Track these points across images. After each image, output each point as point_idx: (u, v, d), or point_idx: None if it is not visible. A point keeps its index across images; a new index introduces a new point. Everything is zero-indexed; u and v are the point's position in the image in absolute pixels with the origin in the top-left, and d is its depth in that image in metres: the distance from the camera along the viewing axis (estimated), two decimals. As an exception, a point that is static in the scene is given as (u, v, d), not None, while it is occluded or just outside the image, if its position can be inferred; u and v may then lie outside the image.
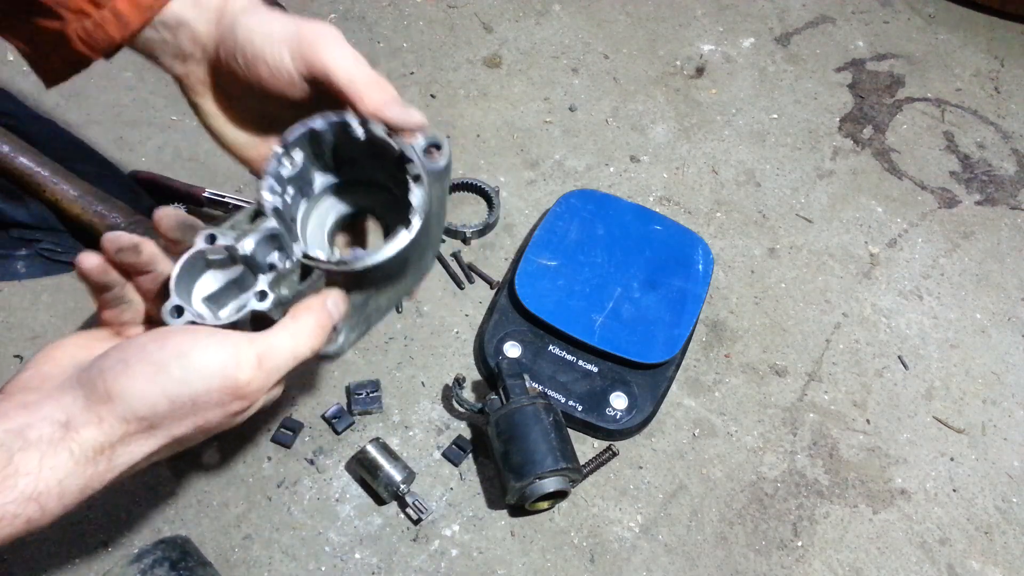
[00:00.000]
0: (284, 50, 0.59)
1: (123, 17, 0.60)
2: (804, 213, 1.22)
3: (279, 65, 0.59)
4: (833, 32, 1.50)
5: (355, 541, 0.86)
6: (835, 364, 1.06)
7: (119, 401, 0.50)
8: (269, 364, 0.55)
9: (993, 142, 1.36)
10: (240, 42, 0.60)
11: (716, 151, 1.29)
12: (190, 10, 0.61)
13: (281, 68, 0.59)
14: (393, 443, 0.92)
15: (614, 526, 0.90)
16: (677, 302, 1.02)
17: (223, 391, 0.52)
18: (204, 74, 0.64)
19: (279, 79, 0.60)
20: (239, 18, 0.60)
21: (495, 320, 1.01)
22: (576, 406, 0.95)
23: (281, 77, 0.60)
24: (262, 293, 0.57)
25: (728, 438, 0.98)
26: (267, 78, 0.60)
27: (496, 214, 1.13)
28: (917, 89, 1.42)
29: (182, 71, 0.64)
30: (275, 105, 0.63)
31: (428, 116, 1.33)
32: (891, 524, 0.93)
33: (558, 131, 1.28)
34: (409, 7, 1.42)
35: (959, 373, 1.07)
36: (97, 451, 0.50)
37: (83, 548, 0.83)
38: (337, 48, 0.58)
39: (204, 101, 0.65)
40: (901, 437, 1.00)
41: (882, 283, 1.15)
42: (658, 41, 1.44)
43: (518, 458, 0.84)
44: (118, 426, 0.50)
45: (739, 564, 0.89)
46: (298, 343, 0.56)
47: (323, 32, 0.59)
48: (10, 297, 0.99)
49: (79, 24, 0.61)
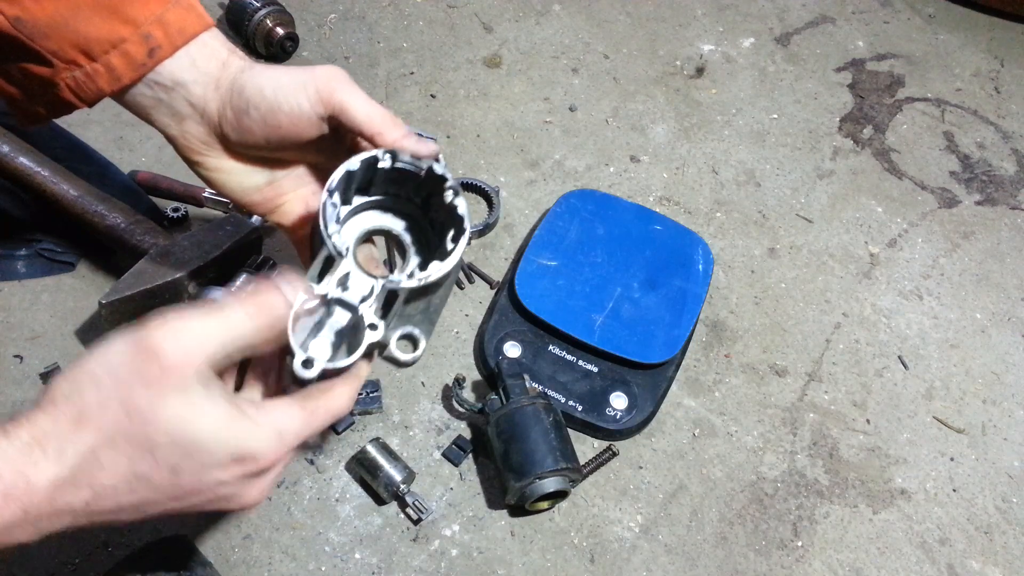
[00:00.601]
0: (301, 97, 0.61)
1: (115, 71, 0.61)
2: (804, 213, 1.22)
3: (298, 112, 0.61)
4: (833, 32, 1.50)
5: (355, 541, 0.86)
6: (835, 364, 1.06)
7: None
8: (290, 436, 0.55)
9: (993, 142, 1.36)
10: (252, 99, 0.61)
11: (716, 151, 1.29)
12: (188, 72, 0.62)
13: (301, 114, 0.61)
14: (393, 443, 0.92)
15: (614, 526, 0.90)
16: (677, 302, 1.02)
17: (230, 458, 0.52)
18: (204, 134, 0.65)
19: (299, 124, 0.62)
20: (242, 77, 0.62)
21: (495, 320, 1.01)
22: (576, 406, 0.95)
23: (301, 122, 0.62)
24: (373, 325, 0.57)
25: (728, 438, 0.98)
26: (287, 126, 0.62)
27: (496, 214, 1.13)
28: (917, 89, 1.42)
29: (177, 131, 0.65)
30: (287, 150, 0.65)
31: (428, 116, 1.34)
32: (891, 524, 0.93)
33: (558, 131, 1.28)
34: (409, 7, 1.42)
35: (959, 373, 1.07)
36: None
37: (83, 548, 0.83)
38: (352, 89, 0.62)
39: (204, 159, 0.66)
40: (901, 437, 1.00)
41: (882, 283, 1.16)
42: (658, 41, 1.44)
43: (518, 458, 0.84)
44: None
45: (739, 564, 0.89)
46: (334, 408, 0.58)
47: (336, 75, 0.62)
48: (10, 297, 0.99)
49: (69, 74, 0.61)
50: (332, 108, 0.61)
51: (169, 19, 0.61)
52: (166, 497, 0.51)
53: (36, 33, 0.59)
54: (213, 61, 0.63)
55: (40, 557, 0.83)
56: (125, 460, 0.49)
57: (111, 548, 0.84)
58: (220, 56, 0.63)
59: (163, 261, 0.92)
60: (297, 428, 0.55)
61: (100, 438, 0.49)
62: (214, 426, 0.51)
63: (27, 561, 0.82)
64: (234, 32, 1.29)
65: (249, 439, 0.52)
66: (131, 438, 0.49)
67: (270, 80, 0.62)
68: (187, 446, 0.50)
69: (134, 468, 0.50)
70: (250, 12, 1.25)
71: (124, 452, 0.49)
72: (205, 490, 0.52)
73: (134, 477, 0.50)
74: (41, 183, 0.97)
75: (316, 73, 0.61)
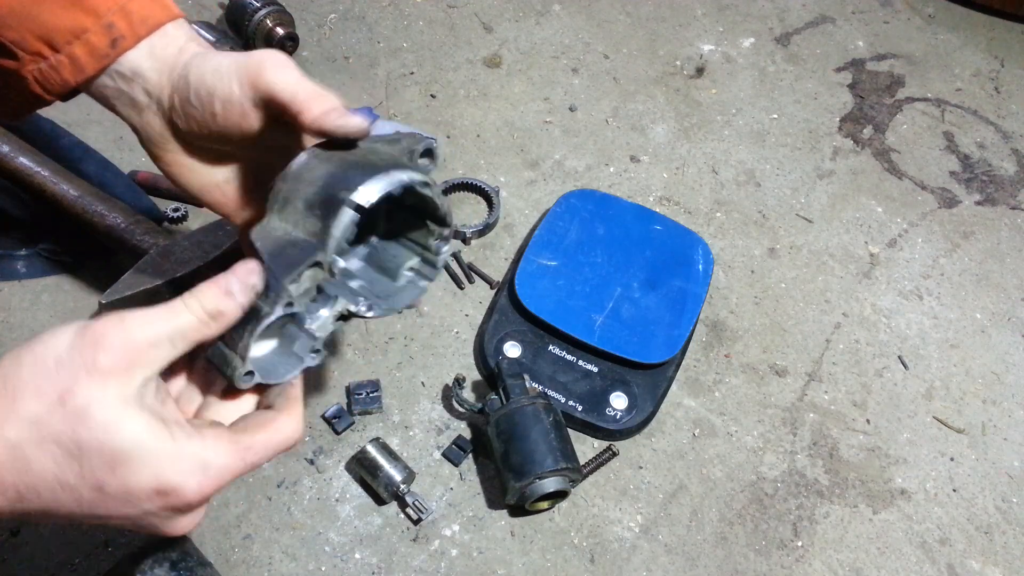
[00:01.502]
0: (233, 81, 0.59)
1: (78, 62, 0.60)
2: (804, 213, 1.22)
3: (230, 97, 0.59)
4: (833, 32, 1.50)
5: (355, 541, 0.86)
6: (835, 364, 1.06)
7: None
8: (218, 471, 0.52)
9: (993, 142, 1.36)
10: (193, 84, 0.60)
11: (716, 151, 1.29)
12: (145, 61, 0.61)
13: (233, 100, 0.59)
14: (393, 443, 0.92)
15: (614, 526, 0.90)
16: (677, 302, 1.02)
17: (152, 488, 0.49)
18: (160, 126, 0.64)
19: (232, 112, 0.60)
20: (191, 63, 0.61)
21: (495, 320, 1.01)
22: (576, 406, 0.95)
23: (233, 109, 0.59)
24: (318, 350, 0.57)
25: (728, 438, 0.98)
26: (220, 114, 0.60)
27: (496, 214, 1.13)
28: (917, 89, 1.42)
29: (138, 122, 0.64)
30: (233, 143, 0.63)
31: (428, 116, 1.34)
32: (891, 524, 0.93)
33: (558, 131, 1.28)
34: (409, 7, 1.43)
35: (959, 373, 1.07)
36: None
37: (83, 548, 0.83)
38: (280, 68, 0.59)
39: (163, 152, 0.65)
40: (901, 437, 1.00)
41: (882, 283, 1.16)
42: (658, 41, 1.44)
43: (518, 458, 0.84)
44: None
45: (739, 564, 0.89)
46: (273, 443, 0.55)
47: (267, 56, 0.59)
48: (10, 297, 0.99)
49: (35, 66, 0.61)
50: (260, 90, 0.58)
51: (132, 8, 0.60)
52: (91, 514, 0.50)
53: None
54: (171, 49, 0.61)
55: (40, 557, 0.83)
56: (52, 464, 0.48)
57: (111, 548, 0.84)
58: (178, 43, 0.61)
59: (163, 261, 0.93)
60: (224, 464, 0.52)
61: (30, 434, 0.47)
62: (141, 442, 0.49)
63: (27, 561, 0.82)
64: (234, 32, 1.29)
65: (171, 470, 0.49)
66: (59, 439, 0.47)
67: (210, 64, 0.59)
68: (113, 459, 0.48)
69: (59, 475, 0.48)
70: (250, 12, 1.25)
71: (51, 454, 0.48)
72: (130, 515, 0.51)
73: (59, 485, 0.48)
74: (41, 183, 0.97)
75: (250, 56, 0.59)
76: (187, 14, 1.41)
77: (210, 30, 1.23)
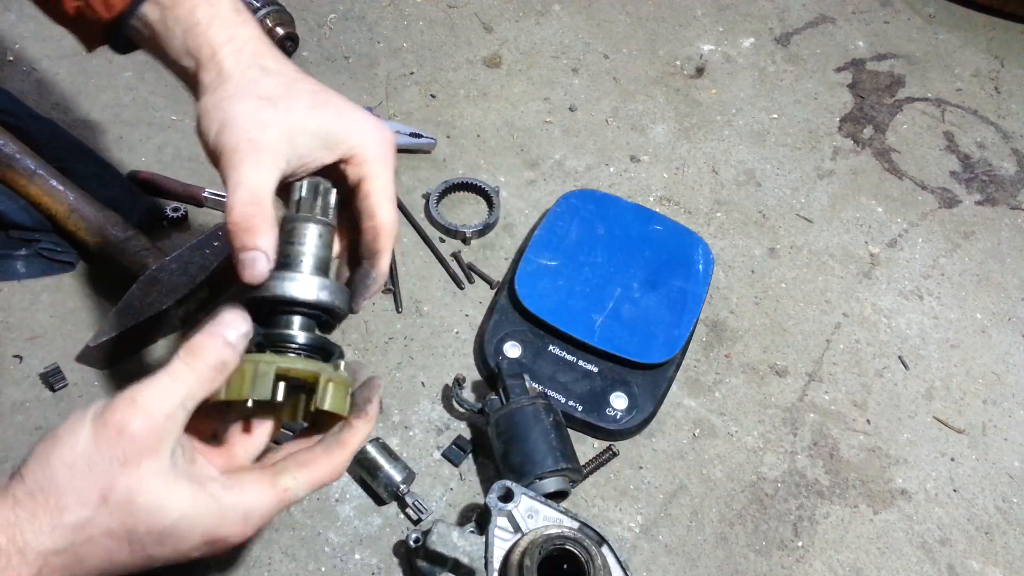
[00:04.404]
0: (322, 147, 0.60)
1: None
2: (804, 213, 1.22)
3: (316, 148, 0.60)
4: (833, 32, 1.50)
5: (355, 541, 0.86)
6: (835, 364, 1.06)
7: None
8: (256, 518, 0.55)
9: (993, 142, 1.36)
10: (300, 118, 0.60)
11: (716, 151, 1.29)
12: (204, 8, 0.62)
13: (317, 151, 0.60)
14: (393, 443, 0.92)
15: (614, 526, 0.90)
16: (677, 302, 1.02)
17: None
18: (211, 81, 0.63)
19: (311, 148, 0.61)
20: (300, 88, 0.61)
21: (495, 320, 1.01)
22: (576, 406, 0.95)
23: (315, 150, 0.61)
24: None
25: (728, 438, 0.98)
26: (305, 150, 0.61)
27: (496, 214, 1.13)
28: (917, 89, 1.42)
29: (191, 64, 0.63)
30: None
31: (428, 116, 1.34)
32: (891, 524, 0.93)
33: (558, 131, 1.28)
34: (409, 7, 1.42)
35: (959, 373, 1.07)
36: None
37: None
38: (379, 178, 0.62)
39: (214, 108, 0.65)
40: (901, 437, 1.00)
41: (882, 283, 1.15)
42: (658, 41, 1.44)
43: (518, 458, 0.84)
44: None
45: (739, 564, 0.89)
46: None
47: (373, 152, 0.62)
48: (10, 297, 0.99)
49: (72, 3, 0.64)
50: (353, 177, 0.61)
51: None
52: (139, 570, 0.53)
53: None
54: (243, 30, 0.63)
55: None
56: (103, 553, 0.50)
57: (111, 548, 0.83)
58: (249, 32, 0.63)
59: (150, 290, 0.91)
60: (266, 508, 0.55)
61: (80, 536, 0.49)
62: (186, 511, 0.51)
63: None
64: (234, 32, 1.28)
65: (218, 525, 0.52)
66: (111, 532, 0.50)
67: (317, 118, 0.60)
68: (162, 533, 0.51)
69: (112, 558, 0.50)
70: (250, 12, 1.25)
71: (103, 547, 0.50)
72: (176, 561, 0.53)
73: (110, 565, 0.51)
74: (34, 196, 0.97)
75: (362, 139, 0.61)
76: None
77: (210, 30, 1.23)
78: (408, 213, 1.13)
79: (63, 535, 0.48)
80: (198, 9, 0.61)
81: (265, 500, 0.55)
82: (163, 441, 0.51)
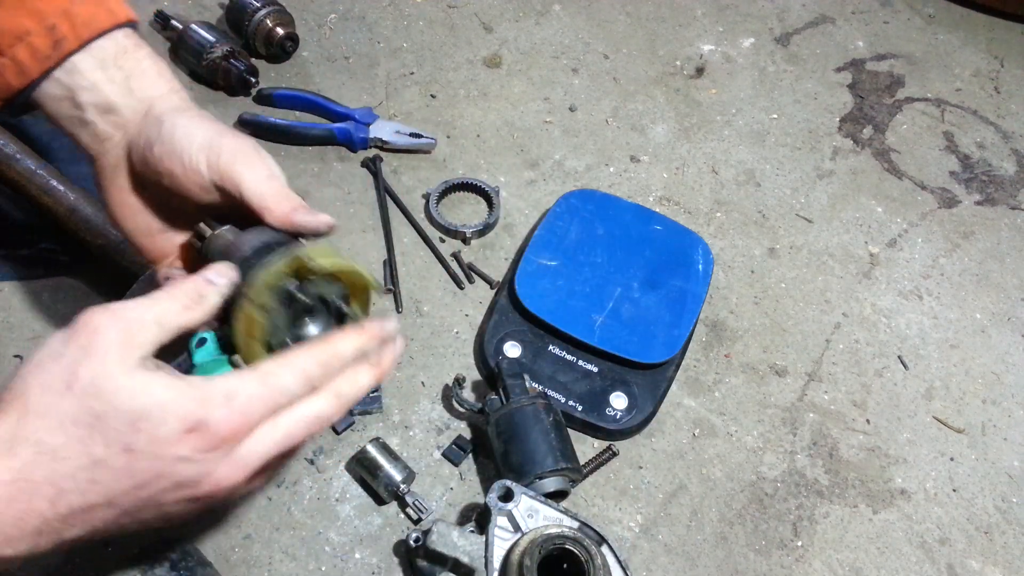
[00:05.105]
0: (202, 158, 0.61)
1: (22, 64, 0.61)
2: (804, 213, 1.22)
3: (195, 168, 0.61)
4: (833, 32, 1.50)
5: (355, 541, 0.86)
6: (835, 364, 1.06)
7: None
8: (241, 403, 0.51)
9: (993, 142, 1.36)
10: (163, 136, 0.62)
11: (716, 151, 1.29)
12: (122, 97, 0.63)
13: (195, 172, 0.61)
14: (393, 443, 0.92)
15: (614, 526, 0.90)
16: (677, 302, 1.02)
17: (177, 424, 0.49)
18: (117, 158, 0.65)
19: (191, 180, 0.62)
20: (168, 114, 0.63)
21: (495, 320, 1.01)
22: (576, 406, 0.95)
23: (193, 179, 0.62)
24: None
25: (728, 438, 0.98)
26: (180, 175, 0.62)
27: (496, 214, 1.13)
28: (917, 89, 1.42)
29: (98, 150, 0.65)
30: (182, 201, 0.65)
31: (428, 116, 1.34)
32: (891, 524, 0.93)
33: (558, 131, 1.28)
34: (409, 7, 1.42)
35: (959, 373, 1.07)
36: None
37: (83, 548, 0.83)
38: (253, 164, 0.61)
39: (111, 186, 0.67)
40: (901, 437, 1.00)
41: (882, 283, 1.16)
42: (658, 41, 1.44)
43: (518, 458, 0.84)
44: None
45: (739, 564, 0.89)
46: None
47: (241, 148, 0.62)
48: (10, 297, 0.99)
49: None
50: (226, 181, 0.61)
51: (76, 11, 0.61)
52: (131, 485, 0.49)
53: None
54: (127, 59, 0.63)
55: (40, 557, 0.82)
56: (76, 444, 0.48)
57: (111, 548, 0.84)
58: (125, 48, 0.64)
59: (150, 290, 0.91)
60: (250, 389, 0.51)
61: (46, 424, 0.48)
62: (158, 395, 0.49)
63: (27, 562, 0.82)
64: (234, 32, 1.28)
65: (196, 405, 0.49)
66: (76, 419, 0.48)
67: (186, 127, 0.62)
68: (134, 418, 0.48)
69: (88, 450, 0.48)
70: (250, 12, 1.25)
71: (73, 435, 0.48)
72: (167, 471, 0.49)
73: (91, 463, 0.48)
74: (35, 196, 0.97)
75: (225, 141, 0.61)
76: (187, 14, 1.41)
77: (210, 30, 1.23)
78: (408, 213, 1.13)
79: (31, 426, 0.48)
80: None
81: (247, 380, 0.52)
82: (131, 341, 0.50)
